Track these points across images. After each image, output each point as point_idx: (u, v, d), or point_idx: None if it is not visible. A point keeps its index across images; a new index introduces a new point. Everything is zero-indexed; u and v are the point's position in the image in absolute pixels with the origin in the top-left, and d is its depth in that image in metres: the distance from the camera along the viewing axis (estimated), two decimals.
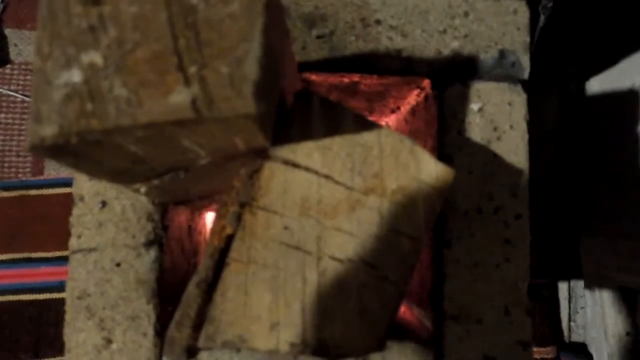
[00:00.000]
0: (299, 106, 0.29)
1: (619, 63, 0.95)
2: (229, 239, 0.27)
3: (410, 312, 0.50)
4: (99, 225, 0.38)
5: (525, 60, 0.42)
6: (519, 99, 0.41)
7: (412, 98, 0.48)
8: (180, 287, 0.43)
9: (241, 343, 0.26)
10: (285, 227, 0.28)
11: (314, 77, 0.43)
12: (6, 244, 1.03)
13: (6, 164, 1.11)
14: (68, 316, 0.38)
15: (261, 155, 0.28)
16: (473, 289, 0.40)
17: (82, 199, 0.38)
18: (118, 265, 0.38)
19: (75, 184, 0.38)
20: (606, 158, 0.99)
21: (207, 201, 0.41)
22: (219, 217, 0.28)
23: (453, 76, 0.42)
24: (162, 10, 0.21)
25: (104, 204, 0.38)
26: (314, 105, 0.29)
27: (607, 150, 0.99)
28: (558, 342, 1.08)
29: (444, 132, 0.41)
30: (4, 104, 1.12)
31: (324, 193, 0.28)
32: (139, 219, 0.39)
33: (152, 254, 0.39)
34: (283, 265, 0.27)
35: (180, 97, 0.20)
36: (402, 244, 0.29)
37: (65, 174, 1.07)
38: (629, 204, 0.92)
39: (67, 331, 0.38)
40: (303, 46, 0.41)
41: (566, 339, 1.09)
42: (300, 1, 0.41)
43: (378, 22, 0.41)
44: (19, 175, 1.10)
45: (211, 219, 0.57)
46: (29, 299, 1.02)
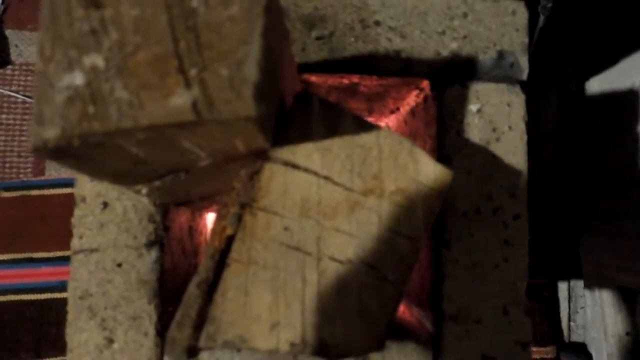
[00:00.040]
0: (298, 108, 0.29)
1: (619, 63, 0.95)
2: (230, 240, 0.28)
3: (410, 312, 0.50)
4: (100, 226, 0.38)
5: (524, 61, 0.42)
6: (518, 99, 0.41)
7: (412, 99, 0.49)
8: (181, 287, 0.43)
9: (242, 343, 0.27)
10: (285, 228, 0.28)
11: (314, 78, 0.43)
12: (7, 244, 1.03)
13: (7, 165, 1.11)
14: (70, 316, 0.38)
15: (261, 156, 0.28)
16: (472, 289, 0.40)
17: (83, 200, 0.38)
18: (119, 265, 0.38)
19: (77, 185, 0.39)
20: (606, 158, 0.99)
21: (207, 202, 0.42)
22: (219, 218, 0.28)
23: (452, 77, 0.42)
24: (163, 13, 0.21)
25: (105, 204, 0.39)
26: (313, 107, 0.29)
27: (607, 150, 0.99)
28: (558, 341, 1.08)
29: (443, 132, 0.41)
30: (5, 104, 1.12)
31: (323, 194, 0.28)
32: (140, 219, 0.39)
33: (154, 254, 0.39)
34: (283, 266, 0.27)
35: (181, 100, 0.20)
36: (401, 245, 0.29)
37: (66, 174, 1.08)
38: (628, 204, 0.92)
39: (69, 331, 0.38)
40: (303, 47, 0.41)
41: (566, 338, 1.09)
42: (300, 3, 0.41)
43: (377, 23, 0.41)
44: (20, 176, 1.10)
45: (212, 220, 0.58)
46: (30, 299, 1.02)
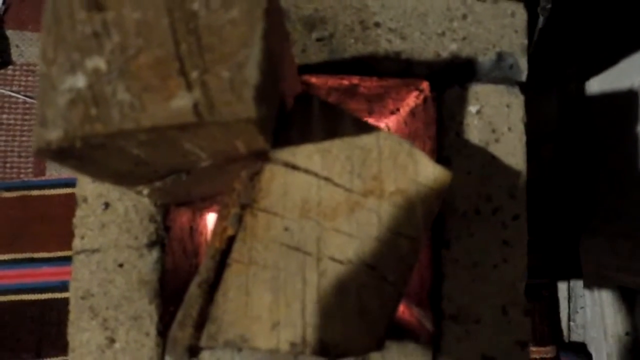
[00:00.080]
0: (298, 109, 0.30)
1: (619, 63, 0.96)
2: (230, 240, 0.28)
3: (410, 312, 0.50)
4: (102, 226, 0.39)
5: (523, 63, 0.42)
6: (517, 101, 0.42)
7: (411, 100, 0.49)
8: (182, 287, 0.43)
9: (242, 342, 0.27)
10: (286, 229, 0.28)
11: (314, 80, 0.43)
12: (8, 244, 1.03)
13: (8, 165, 1.11)
14: (72, 316, 0.38)
15: (262, 157, 0.28)
16: (471, 289, 0.40)
17: (85, 200, 0.39)
18: (121, 265, 0.39)
19: (78, 186, 0.39)
20: (606, 158, 0.99)
21: (208, 202, 0.42)
22: (220, 219, 0.29)
23: (451, 78, 0.42)
24: (164, 16, 0.21)
25: (107, 205, 0.39)
26: (313, 108, 0.30)
27: (607, 150, 0.99)
28: (558, 341, 1.08)
29: (443, 133, 0.42)
30: (6, 105, 1.12)
31: (323, 195, 0.29)
32: (142, 220, 0.39)
33: (155, 254, 0.39)
34: (283, 266, 0.27)
35: (183, 102, 0.21)
36: (400, 245, 0.29)
37: (66, 174, 1.08)
38: (628, 203, 0.92)
39: (71, 331, 0.38)
40: (303, 49, 0.41)
41: (566, 338, 1.09)
42: (300, 4, 0.41)
43: (377, 24, 0.42)
44: (21, 176, 1.10)
45: (212, 220, 0.58)
46: (31, 299, 1.02)
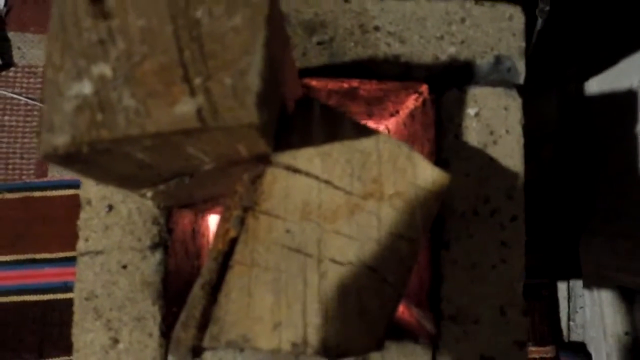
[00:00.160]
0: (299, 113, 0.30)
1: (618, 64, 0.96)
2: (233, 243, 0.28)
3: (409, 313, 0.51)
4: (105, 228, 0.39)
5: (521, 66, 0.42)
6: (515, 103, 0.42)
7: (410, 102, 0.49)
8: (185, 288, 0.44)
9: (244, 343, 0.27)
10: (287, 231, 0.28)
11: (314, 83, 0.44)
12: (10, 245, 1.04)
13: (10, 166, 1.11)
14: (76, 317, 0.39)
15: (263, 161, 0.29)
16: (470, 289, 0.41)
17: (89, 202, 0.39)
18: (124, 267, 0.39)
19: (82, 189, 0.39)
20: (605, 158, 1.00)
21: (210, 204, 0.42)
22: (222, 221, 0.29)
23: (450, 81, 0.43)
24: (168, 24, 0.22)
25: (110, 207, 0.39)
26: (314, 112, 0.30)
27: (606, 151, 0.99)
28: (557, 341, 1.08)
29: (442, 136, 0.42)
30: (8, 106, 1.13)
31: (324, 198, 0.29)
32: (145, 222, 0.40)
33: (158, 256, 0.40)
34: (285, 268, 0.28)
35: (186, 108, 0.21)
36: (400, 247, 0.29)
37: (68, 176, 1.08)
38: (628, 204, 0.92)
39: (75, 331, 0.38)
40: (303, 52, 0.42)
41: (565, 338, 1.10)
42: (301, 8, 0.42)
43: (377, 28, 0.42)
44: (23, 177, 1.10)
45: (214, 222, 0.58)
46: (33, 300, 1.03)
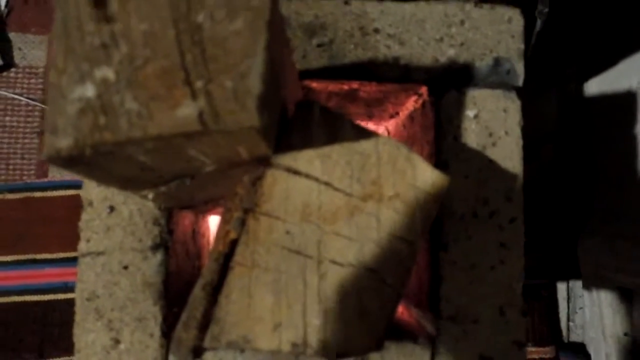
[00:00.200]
0: (300, 115, 0.30)
1: (617, 64, 0.96)
2: (233, 244, 0.28)
3: (409, 313, 0.51)
4: (107, 229, 0.39)
5: (520, 68, 0.43)
6: (514, 105, 0.42)
7: (410, 104, 0.49)
8: (185, 289, 0.44)
9: (245, 343, 0.27)
10: (287, 232, 0.29)
11: (315, 85, 0.44)
12: (11, 246, 1.04)
13: (11, 167, 1.12)
14: (78, 317, 0.39)
15: (264, 162, 0.29)
16: (469, 290, 0.41)
17: (90, 204, 0.39)
18: (126, 268, 0.39)
19: (84, 190, 0.40)
20: (605, 158, 1.00)
21: (210, 205, 0.43)
22: (223, 223, 0.29)
23: (449, 83, 0.43)
24: (170, 28, 0.22)
25: (112, 208, 0.40)
26: (314, 115, 0.30)
27: (606, 151, 0.99)
28: (557, 341, 1.08)
29: (441, 137, 0.42)
30: (9, 107, 1.13)
31: (324, 199, 0.29)
32: (146, 223, 0.40)
33: (159, 257, 0.40)
34: (285, 269, 0.28)
35: (188, 111, 0.21)
36: (399, 248, 0.30)
37: (69, 176, 1.08)
38: (627, 204, 0.93)
39: (76, 332, 0.39)
40: (304, 55, 0.42)
41: (565, 338, 1.10)
42: (301, 11, 0.42)
43: (376, 30, 0.42)
44: (24, 178, 1.10)
45: (214, 223, 0.59)
46: (33, 300, 1.03)
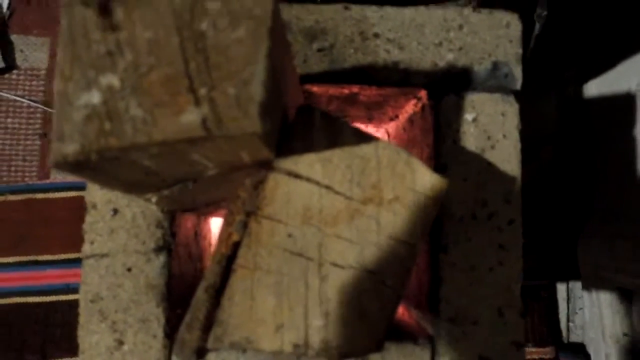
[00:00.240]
0: (301, 120, 0.31)
1: (616, 66, 0.96)
2: (236, 246, 0.29)
3: (409, 314, 0.51)
4: (110, 231, 0.40)
5: (518, 72, 0.43)
6: (512, 109, 0.43)
7: (410, 107, 0.50)
8: (188, 291, 0.44)
9: (247, 344, 0.28)
10: (289, 235, 0.29)
11: (315, 89, 0.44)
12: (13, 247, 1.04)
13: (13, 168, 1.12)
14: (82, 319, 0.39)
15: (265, 166, 0.30)
16: (469, 291, 0.42)
17: (94, 206, 0.40)
18: (129, 270, 0.40)
19: (87, 193, 0.40)
20: (604, 160, 1.00)
21: (212, 208, 0.43)
22: (226, 226, 0.30)
23: (448, 87, 0.43)
24: (174, 36, 0.23)
25: (115, 211, 0.40)
26: (315, 119, 0.31)
27: (605, 152, 1.00)
28: (557, 342, 1.08)
29: (440, 141, 0.43)
30: (11, 108, 1.14)
31: (324, 203, 0.30)
32: (149, 225, 0.40)
33: (162, 259, 0.40)
34: (287, 271, 0.29)
35: (192, 117, 0.22)
36: (399, 250, 0.30)
37: (70, 178, 1.09)
38: (626, 205, 0.93)
39: (81, 333, 0.39)
40: (304, 59, 0.43)
41: (565, 339, 1.10)
42: (301, 16, 0.43)
43: (376, 35, 0.43)
44: (26, 179, 1.11)
45: (216, 225, 0.59)
46: (35, 301, 1.03)
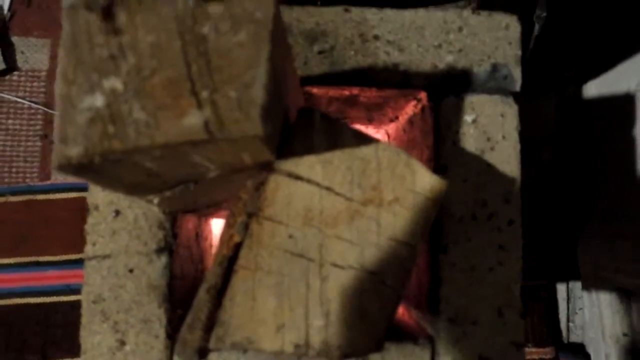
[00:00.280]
0: (301, 122, 0.31)
1: (616, 67, 0.97)
2: (237, 248, 0.29)
3: (409, 314, 0.52)
4: (112, 233, 0.40)
5: (517, 73, 0.43)
6: (511, 110, 0.43)
7: (410, 108, 0.50)
8: (189, 291, 0.45)
9: (249, 344, 0.28)
10: (290, 236, 0.29)
11: (316, 91, 0.45)
12: (14, 248, 1.04)
13: (14, 169, 1.12)
14: (84, 319, 0.39)
15: (266, 168, 0.30)
16: (469, 291, 0.42)
17: (96, 208, 0.40)
18: (131, 271, 0.40)
19: (89, 194, 0.40)
20: (604, 160, 1.00)
21: (213, 209, 0.43)
22: (227, 227, 0.30)
23: (448, 89, 0.43)
24: (176, 40, 0.23)
25: (117, 212, 0.40)
26: (315, 121, 0.31)
27: (605, 152, 1.00)
28: (557, 342, 1.09)
29: (440, 142, 0.43)
30: (12, 110, 1.14)
31: (325, 204, 0.30)
32: (151, 227, 0.41)
33: (163, 260, 0.41)
34: (288, 272, 0.29)
35: (194, 120, 0.22)
36: (399, 251, 0.30)
37: (71, 179, 1.08)
38: (626, 205, 0.93)
39: (83, 334, 0.39)
40: (305, 61, 0.43)
41: (565, 339, 1.10)
42: (302, 18, 0.43)
43: (376, 37, 0.43)
44: (27, 180, 1.11)
45: (217, 226, 0.59)
46: (36, 302, 1.03)
